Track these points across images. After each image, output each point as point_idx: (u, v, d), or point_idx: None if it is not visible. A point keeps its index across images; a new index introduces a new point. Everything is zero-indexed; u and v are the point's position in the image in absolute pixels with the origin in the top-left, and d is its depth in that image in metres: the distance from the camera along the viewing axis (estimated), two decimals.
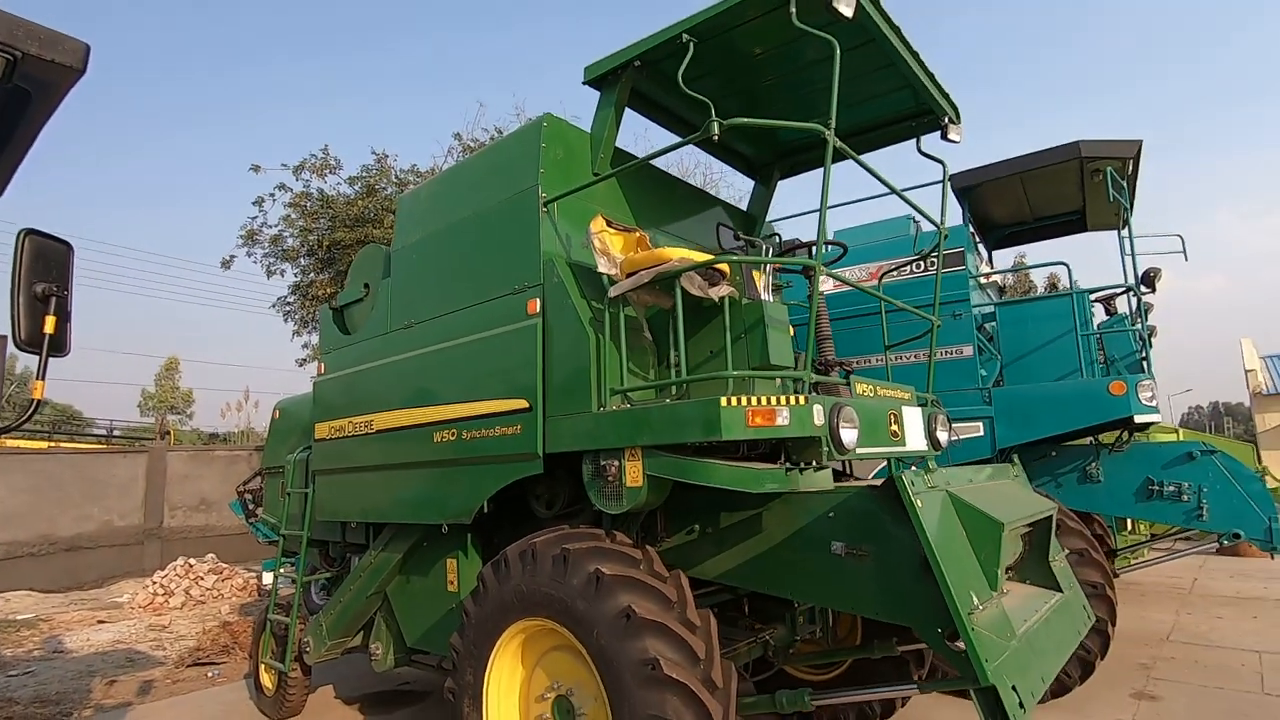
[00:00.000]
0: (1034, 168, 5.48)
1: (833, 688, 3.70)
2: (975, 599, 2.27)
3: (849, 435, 2.64)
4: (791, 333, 3.80)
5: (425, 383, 3.62)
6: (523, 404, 3.05)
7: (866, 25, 2.98)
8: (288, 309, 12.76)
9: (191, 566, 10.05)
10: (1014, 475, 3.34)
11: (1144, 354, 5.18)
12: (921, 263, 5.28)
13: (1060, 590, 3.07)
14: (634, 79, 3.37)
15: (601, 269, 2.89)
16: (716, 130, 2.52)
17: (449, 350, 3.50)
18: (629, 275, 2.80)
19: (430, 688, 5.26)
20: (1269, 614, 6.71)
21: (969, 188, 5.83)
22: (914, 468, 2.49)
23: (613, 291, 2.82)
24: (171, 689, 5.69)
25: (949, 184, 5.96)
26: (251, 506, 7.46)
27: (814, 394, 2.76)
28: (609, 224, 3.02)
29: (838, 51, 2.66)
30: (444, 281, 3.67)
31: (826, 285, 5.78)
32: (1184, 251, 6.07)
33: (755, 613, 3.75)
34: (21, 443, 17.34)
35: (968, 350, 5.12)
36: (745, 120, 2.63)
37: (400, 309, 3.93)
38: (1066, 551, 3.46)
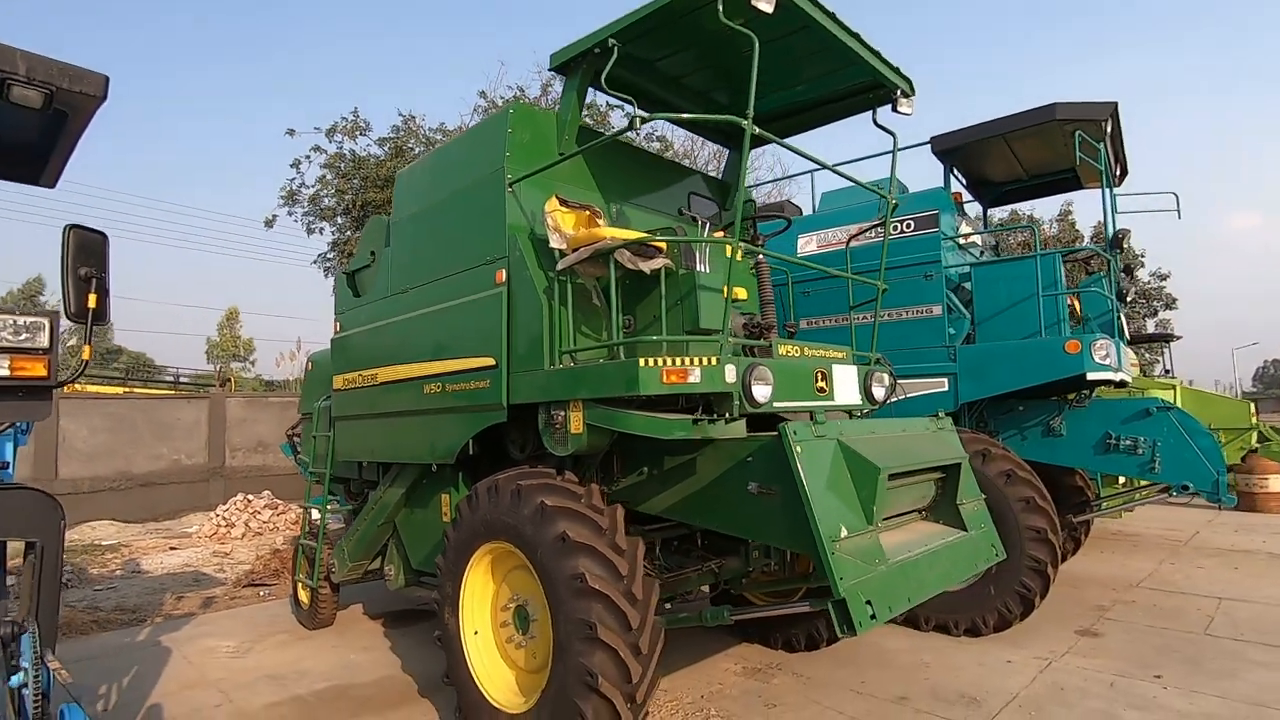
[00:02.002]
0: (1012, 130, 5.55)
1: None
2: (844, 530, 2.68)
3: (761, 391, 3.03)
4: (745, 295, 4.16)
5: (417, 341, 4.13)
6: (490, 361, 3.53)
7: (796, 15, 3.22)
8: (328, 264, 13.51)
9: (250, 502, 11.12)
10: (935, 428, 3.66)
11: (1112, 314, 5.32)
12: (897, 225, 5.48)
13: (965, 530, 3.44)
14: (596, 64, 3.68)
15: (553, 244, 3.30)
16: (638, 125, 2.87)
17: (435, 313, 3.98)
18: (574, 251, 3.20)
19: None
20: (1251, 565, 6.86)
21: (951, 150, 5.93)
22: (793, 419, 2.86)
23: (559, 265, 3.23)
24: (229, 604, 6.59)
25: (923, 147, 6.09)
26: (299, 448, 8.26)
27: (740, 355, 3.14)
28: (562, 203, 3.40)
29: (756, 48, 2.94)
30: (431, 252, 4.14)
31: (810, 247, 6.05)
32: (1178, 210, 6.11)
33: (712, 547, 4.22)
34: (100, 388, 18.93)
35: (937, 310, 5.34)
36: (664, 115, 2.98)
37: (398, 276, 4.42)
38: (984, 496, 3.78)
